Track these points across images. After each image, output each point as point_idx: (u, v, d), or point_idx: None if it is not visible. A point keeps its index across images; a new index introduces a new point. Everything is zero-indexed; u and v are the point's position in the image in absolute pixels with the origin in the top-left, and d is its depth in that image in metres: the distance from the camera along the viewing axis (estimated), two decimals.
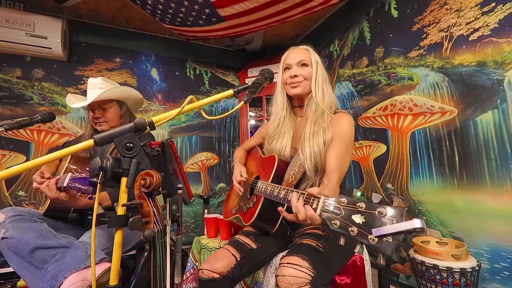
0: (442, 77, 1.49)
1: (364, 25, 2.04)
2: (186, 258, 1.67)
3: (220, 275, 0.93)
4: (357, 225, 0.55)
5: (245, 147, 1.47)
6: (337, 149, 1.02)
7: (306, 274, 0.78)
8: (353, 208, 0.58)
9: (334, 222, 0.60)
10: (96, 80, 1.37)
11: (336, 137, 1.04)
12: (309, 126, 1.08)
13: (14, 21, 1.96)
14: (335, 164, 0.99)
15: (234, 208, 1.26)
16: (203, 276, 0.95)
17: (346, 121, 1.07)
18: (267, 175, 1.07)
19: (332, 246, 0.93)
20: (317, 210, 0.67)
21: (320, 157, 1.03)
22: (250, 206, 1.09)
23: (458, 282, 1.13)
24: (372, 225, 0.53)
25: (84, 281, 0.90)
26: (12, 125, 1.08)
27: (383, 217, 0.52)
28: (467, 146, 1.37)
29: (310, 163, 1.02)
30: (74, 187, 1.03)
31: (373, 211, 0.54)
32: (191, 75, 2.79)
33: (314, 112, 1.10)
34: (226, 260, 0.97)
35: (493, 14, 1.27)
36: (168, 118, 0.69)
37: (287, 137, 1.16)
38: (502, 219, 1.21)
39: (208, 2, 1.84)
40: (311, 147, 1.03)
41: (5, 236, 0.98)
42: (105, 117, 1.35)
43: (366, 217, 0.55)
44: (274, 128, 1.21)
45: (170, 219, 0.72)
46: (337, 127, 1.05)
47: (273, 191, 0.94)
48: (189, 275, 1.58)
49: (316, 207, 0.68)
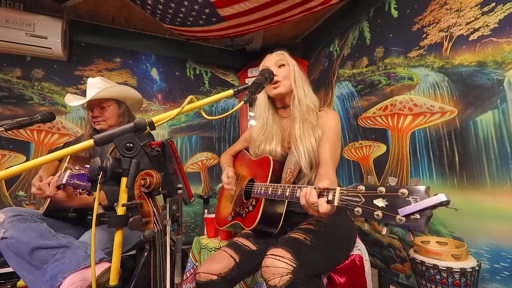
0: (442, 77, 1.49)
1: (364, 25, 2.04)
2: (186, 258, 1.67)
3: (218, 276, 0.93)
4: (380, 208, 0.56)
5: (230, 152, 1.47)
6: (329, 141, 1.06)
7: (287, 265, 0.80)
8: (373, 193, 0.58)
9: (356, 210, 0.60)
10: (95, 80, 1.38)
11: (326, 130, 1.08)
12: (298, 125, 1.11)
13: (14, 21, 1.96)
14: (330, 155, 1.03)
15: (229, 215, 1.24)
16: (200, 279, 0.94)
17: (333, 115, 1.13)
18: (264, 176, 1.07)
19: (323, 240, 0.94)
20: (334, 201, 0.67)
21: (314, 154, 1.06)
22: (250, 210, 1.08)
23: (458, 282, 1.13)
24: (396, 206, 0.53)
25: (83, 281, 0.90)
26: (12, 125, 1.08)
27: (406, 197, 0.53)
28: (467, 146, 1.37)
29: (305, 160, 1.05)
30: (73, 183, 1.03)
31: (395, 193, 0.54)
32: (191, 75, 2.79)
33: (300, 111, 1.13)
34: (224, 262, 0.97)
35: (493, 14, 1.27)
36: (168, 118, 0.69)
37: (275, 139, 1.18)
38: (502, 219, 1.21)
39: (208, 2, 1.84)
40: (304, 145, 1.06)
41: (5, 236, 0.98)
42: (103, 115, 1.35)
43: (388, 200, 0.56)
44: (259, 131, 1.23)
45: (170, 219, 0.72)
46: (326, 121, 1.11)
47: (276, 190, 0.94)
48: (189, 275, 1.58)
49: (332, 198, 0.68)
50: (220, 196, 1.48)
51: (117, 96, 1.40)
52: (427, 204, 0.49)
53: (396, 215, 0.53)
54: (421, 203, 0.50)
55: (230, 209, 1.27)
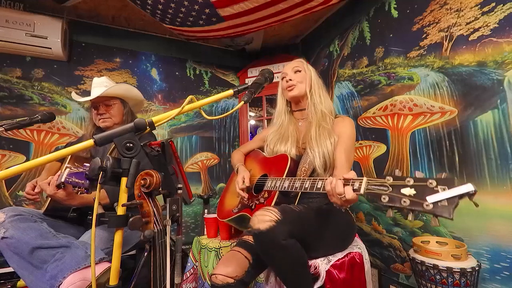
0: (442, 77, 1.49)
1: (364, 25, 2.04)
2: (186, 258, 1.67)
3: (235, 279, 0.92)
4: (408, 197, 0.58)
5: (243, 150, 1.51)
6: (344, 145, 1.11)
7: (273, 215, 0.86)
8: (401, 183, 0.60)
9: (383, 197, 0.62)
10: (101, 79, 1.42)
11: (341, 135, 1.13)
12: (314, 129, 1.16)
13: (14, 21, 1.96)
14: (345, 158, 1.08)
15: (235, 207, 1.26)
16: (217, 282, 0.93)
17: (349, 122, 1.19)
18: (281, 171, 1.12)
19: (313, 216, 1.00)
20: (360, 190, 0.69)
21: (329, 156, 1.10)
22: (261, 202, 1.11)
23: (458, 282, 1.13)
24: (424, 194, 0.56)
25: (83, 281, 0.90)
26: (12, 125, 1.08)
27: (435, 187, 0.55)
28: (467, 146, 1.37)
29: (320, 161, 1.09)
30: (72, 181, 1.03)
31: (424, 183, 0.56)
32: (191, 75, 2.79)
33: (315, 116, 1.20)
34: (239, 263, 0.96)
35: (493, 14, 1.27)
36: (168, 118, 0.69)
37: (291, 141, 1.23)
38: (502, 219, 1.21)
39: (208, 2, 1.84)
40: (319, 147, 1.11)
41: (5, 235, 0.98)
42: (109, 113, 1.37)
43: (416, 189, 0.57)
44: (275, 131, 1.31)
45: (170, 219, 0.71)
46: (342, 127, 1.16)
47: (293, 183, 0.97)
48: (189, 275, 1.58)
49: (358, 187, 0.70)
50: (225, 188, 1.50)
51: (123, 94, 1.41)
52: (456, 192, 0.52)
53: (424, 201, 0.55)
54: (450, 191, 0.52)
55: (236, 202, 1.28)
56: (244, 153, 1.51)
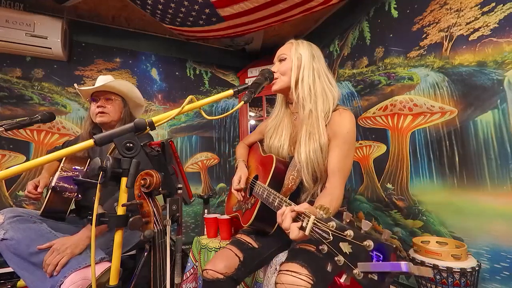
0: (442, 77, 1.49)
1: (364, 25, 2.04)
2: (186, 258, 1.67)
3: (225, 275, 0.93)
4: (343, 254, 0.51)
5: (246, 142, 1.43)
6: (338, 150, 0.95)
7: (305, 282, 0.76)
8: (341, 235, 0.53)
9: (322, 247, 0.56)
10: (107, 76, 1.42)
11: (336, 136, 0.96)
12: (303, 134, 1.01)
13: (14, 21, 1.96)
14: (337, 166, 0.93)
15: (234, 205, 1.26)
16: (207, 276, 0.95)
17: (347, 118, 0.97)
18: (265, 177, 1.04)
19: None
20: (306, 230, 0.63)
21: (318, 164, 0.96)
22: (248, 207, 1.09)
23: (458, 282, 1.13)
24: (358, 258, 0.49)
25: (84, 280, 0.91)
26: (12, 125, 1.08)
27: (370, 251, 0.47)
28: (467, 146, 1.37)
29: (307, 173, 0.97)
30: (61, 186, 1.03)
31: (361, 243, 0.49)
32: (191, 75, 2.79)
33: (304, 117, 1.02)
34: (230, 260, 0.97)
35: (493, 14, 1.27)
36: (168, 118, 0.69)
37: (284, 134, 1.11)
38: (502, 219, 1.21)
39: (208, 2, 1.84)
40: (306, 154, 0.97)
41: (4, 237, 0.98)
42: (107, 108, 1.34)
43: (353, 247, 0.50)
44: (271, 122, 1.19)
45: (170, 219, 0.71)
46: (337, 125, 0.97)
47: (268, 197, 0.91)
48: (189, 275, 1.58)
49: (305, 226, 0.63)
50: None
51: (126, 92, 1.40)
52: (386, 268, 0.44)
53: (355, 268, 0.48)
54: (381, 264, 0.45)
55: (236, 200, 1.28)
56: (248, 145, 1.42)
